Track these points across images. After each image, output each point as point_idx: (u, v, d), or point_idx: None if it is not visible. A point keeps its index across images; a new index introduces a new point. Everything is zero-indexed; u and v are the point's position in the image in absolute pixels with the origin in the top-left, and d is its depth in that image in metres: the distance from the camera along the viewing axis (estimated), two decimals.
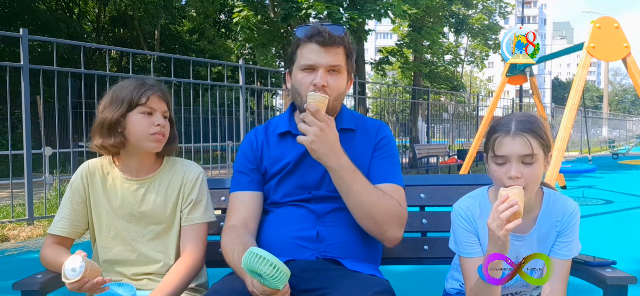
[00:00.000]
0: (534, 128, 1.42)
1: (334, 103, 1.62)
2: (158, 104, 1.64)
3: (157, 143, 1.65)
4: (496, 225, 1.31)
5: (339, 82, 1.62)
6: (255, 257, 1.27)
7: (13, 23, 16.92)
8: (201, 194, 1.72)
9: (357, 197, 1.54)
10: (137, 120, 1.62)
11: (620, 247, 4.93)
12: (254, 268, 1.28)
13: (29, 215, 5.82)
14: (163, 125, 1.64)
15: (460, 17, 22.11)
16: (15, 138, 9.05)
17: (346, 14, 11.96)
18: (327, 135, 1.50)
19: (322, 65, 1.59)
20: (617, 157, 18.19)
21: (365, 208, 1.55)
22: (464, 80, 35.54)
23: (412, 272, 3.79)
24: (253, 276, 1.32)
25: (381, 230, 1.58)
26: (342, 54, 1.62)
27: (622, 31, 6.95)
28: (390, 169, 1.67)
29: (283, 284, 1.31)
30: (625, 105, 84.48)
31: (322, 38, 1.58)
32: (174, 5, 20.94)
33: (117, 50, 16.10)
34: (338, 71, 1.61)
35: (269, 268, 1.27)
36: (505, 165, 1.41)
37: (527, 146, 1.39)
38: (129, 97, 1.61)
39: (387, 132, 1.74)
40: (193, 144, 8.81)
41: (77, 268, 1.43)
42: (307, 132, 1.50)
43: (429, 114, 14.87)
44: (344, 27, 1.65)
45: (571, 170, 8.82)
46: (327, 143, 1.51)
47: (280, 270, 1.28)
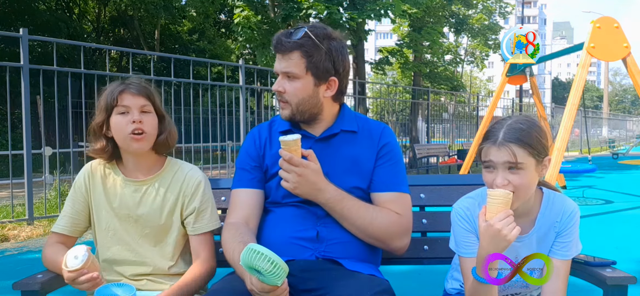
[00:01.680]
0: (521, 137, 1.40)
1: (300, 108, 1.61)
2: (132, 100, 1.61)
3: (138, 143, 1.61)
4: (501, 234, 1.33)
5: (295, 87, 1.60)
6: (254, 253, 1.27)
7: (13, 23, 16.93)
8: (205, 202, 1.71)
9: (351, 222, 1.59)
10: (116, 121, 1.61)
11: (620, 247, 4.93)
12: (252, 264, 1.28)
13: (29, 215, 5.82)
14: (139, 121, 1.60)
15: (460, 17, 22.11)
16: (15, 138, 9.04)
17: (346, 14, 11.96)
18: (307, 176, 1.54)
19: (279, 71, 1.63)
20: (617, 157, 18.18)
21: (362, 230, 1.60)
22: (464, 80, 35.54)
23: (412, 272, 3.78)
24: (251, 273, 1.32)
25: (384, 244, 1.64)
26: (297, 58, 1.59)
27: (622, 31, 6.95)
28: (394, 177, 1.67)
29: (281, 280, 1.31)
30: (625, 105, 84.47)
31: (276, 45, 1.61)
32: (174, 5, 20.92)
33: (117, 50, 16.13)
34: (294, 76, 1.60)
35: (267, 264, 1.27)
36: (494, 172, 1.43)
37: (511, 156, 1.39)
38: (105, 101, 1.62)
39: (391, 136, 1.72)
40: (193, 144, 8.81)
41: (79, 256, 1.44)
42: (286, 179, 1.56)
43: (429, 114, 14.87)
44: (305, 29, 1.60)
45: (571, 170, 8.82)
46: (309, 184, 1.55)
47: (278, 265, 1.28)
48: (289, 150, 1.54)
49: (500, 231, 1.33)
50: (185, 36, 25.18)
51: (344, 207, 1.57)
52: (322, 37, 1.60)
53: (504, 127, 1.43)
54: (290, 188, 1.56)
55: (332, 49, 1.61)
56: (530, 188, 1.44)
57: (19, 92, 5.77)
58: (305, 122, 1.66)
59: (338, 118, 1.70)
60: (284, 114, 1.65)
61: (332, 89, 1.65)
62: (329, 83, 1.64)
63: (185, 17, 23.75)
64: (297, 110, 1.62)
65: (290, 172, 1.54)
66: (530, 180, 1.42)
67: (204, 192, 1.71)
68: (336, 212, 1.58)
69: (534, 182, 1.45)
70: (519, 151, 1.39)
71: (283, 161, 1.54)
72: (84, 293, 1.71)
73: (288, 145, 1.54)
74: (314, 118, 1.66)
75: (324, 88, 1.63)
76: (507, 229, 1.32)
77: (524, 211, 1.50)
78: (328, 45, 1.60)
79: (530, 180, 1.42)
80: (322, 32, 1.61)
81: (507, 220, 1.33)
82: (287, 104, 1.63)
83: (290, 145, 1.54)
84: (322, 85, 1.63)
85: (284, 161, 1.54)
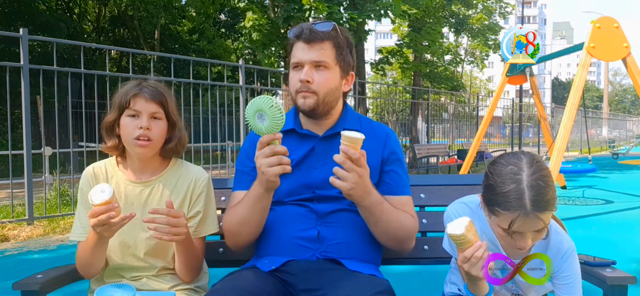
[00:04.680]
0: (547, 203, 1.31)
1: (326, 99, 1.62)
2: (144, 105, 1.59)
3: (142, 149, 1.60)
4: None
5: (325, 78, 1.61)
6: (261, 99, 1.41)
7: (13, 23, 16.91)
8: (209, 205, 1.71)
9: (384, 226, 1.58)
10: (125, 123, 1.61)
11: (620, 247, 4.93)
12: (259, 106, 1.41)
13: (29, 215, 5.82)
14: (147, 128, 1.58)
15: (460, 17, 22.13)
16: (15, 138, 9.05)
17: (346, 14, 11.97)
18: (364, 178, 1.47)
19: (306, 61, 1.60)
20: (617, 157, 18.17)
21: (391, 234, 1.60)
22: (464, 80, 35.53)
23: (412, 272, 3.79)
24: (254, 121, 1.43)
25: (402, 247, 1.66)
26: (329, 48, 1.61)
27: (622, 31, 6.96)
28: (401, 182, 1.69)
29: (282, 122, 1.43)
30: (625, 105, 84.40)
31: (306, 35, 1.60)
32: (174, 5, 20.92)
33: (117, 50, 16.11)
34: (325, 66, 1.61)
35: (269, 101, 1.40)
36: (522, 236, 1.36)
37: (540, 222, 1.32)
38: (118, 100, 1.62)
39: (397, 142, 1.74)
40: (193, 144, 8.80)
41: (106, 190, 1.41)
42: (345, 178, 1.44)
43: (429, 114, 14.87)
44: (333, 23, 1.64)
45: (571, 170, 8.82)
46: (364, 186, 1.48)
47: (280, 107, 1.40)
48: (354, 147, 1.42)
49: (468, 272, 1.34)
50: (185, 36, 25.15)
51: (382, 211, 1.56)
52: (345, 32, 1.66)
53: (530, 195, 1.30)
54: (346, 188, 1.46)
55: (351, 46, 1.68)
56: None
57: (19, 92, 5.77)
58: (321, 115, 1.66)
59: (341, 118, 1.71)
60: (307, 103, 1.61)
61: (349, 84, 1.70)
62: (348, 78, 1.69)
63: (185, 17, 23.75)
64: (323, 100, 1.61)
65: (352, 172, 1.44)
66: None
67: (209, 193, 1.72)
68: (375, 215, 1.56)
69: None
70: (546, 217, 1.33)
71: (345, 159, 1.42)
72: (84, 294, 1.71)
73: (354, 142, 1.41)
74: (328, 113, 1.67)
75: (345, 82, 1.68)
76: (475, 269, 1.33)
77: None
78: (350, 41, 1.67)
79: None
80: (342, 28, 1.66)
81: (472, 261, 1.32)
82: (313, 94, 1.60)
83: (357, 142, 1.41)
84: (344, 78, 1.67)
85: (347, 159, 1.42)
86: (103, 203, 1.40)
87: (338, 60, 1.63)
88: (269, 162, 1.45)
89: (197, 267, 1.70)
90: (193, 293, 1.71)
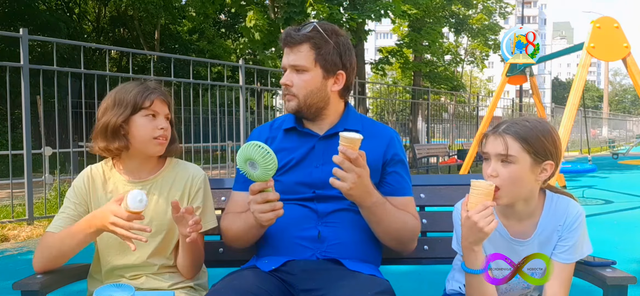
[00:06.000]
0: (519, 131, 1.40)
1: (307, 101, 1.63)
2: (161, 107, 1.65)
3: (161, 147, 1.66)
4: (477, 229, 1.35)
5: (304, 80, 1.62)
6: (250, 145, 1.39)
7: (13, 23, 16.91)
8: (207, 201, 1.73)
9: (386, 226, 1.58)
10: (142, 123, 1.62)
11: (620, 247, 4.93)
12: (249, 154, 1.39)
13: (29, 215, 5.82)
14: (166, 129, 1.66)
15: (460, 17, 22.14)
16: (15, 138, 9.05)
17: (346, 14, 11.98)
18: (364, 178, 1.46)
19: (286, 65, 1.65)
20: (617, 157, 18.17)
21: (394, 234, 1.60)
22: (464, 80, 35.53)
23: (412, 272, 3.79)
24: (245, 168, 1.41)
25: (404, 248, 1.67)
26: (306, 50, 1.61)
27: (622, 31, 6.95)
28: (403, 183, 1.69)
29: (274, 169, 1.41)
30: (625, 105, 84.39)
31: (284, 39, 1.64)
32: (174, 5, 20.90)
33: (117, 50, 16.13)
34: (303, 69, 1.62)
35: (261, 150, 1.38)
36: (487, 162, 1.45)
37: (503, 146, 1.40)
38: (133, 100, 1.61)
39: (400, 144, 1.74)
40: (193, 144, 8.81)
41: (144, 200, 1.41)
42: (345, 178, 1.44)
43: (429, 114, 14.88)
44: (314, 24, 1.63)
45: (571, 170, 8.82)
46: (363, 186, 1.48)
47: (270, 154, 1.39)
48: (352, 148, 1.42)
49: (477, 223, 1.32)
50: (185, 36, 25.14)
51: (384, 211, 1.56)
52: (330, 31, 1.64)
53: (509, 121, 1.44)
54: (345, 189, 1.45)
55: (340, 44, 1.65)
56: (517, 185, 1.42)
57: (19, 92, 5.77)
58: (311, 116, 1.67)
59: (342, 118, 1.71)
60: (290, 107, 1.65)
61: (340, 83, 1.67)
62: (337, 77, 1.67)
63: (185, 17, 23.74)
64: (304, 102, 1.63)
65: (350, 172, 1.43)
66: (519, 176, 1.41)
67: (207, 189, 1.74)
68: (376, 216, 1.56)
69: (526, 180, 1.43)
70: (513, 144, 1.39)
71: (343, 159, 1.42)
72: (84, 294, 1.71)
73: (352, 142, 1.41)
74: (320, 113, 1.67)
75: (332, 82, 1.66)
76: (484, 222, 1.32)
77: (526, 214, 1.49)
78: (336, 40, 1.64)
79: (519, 176, 1.41)
80: (329, 27, 1.65)
81: (484, 213, 1.32)
82: (294, 97, 1.63)
83: (355, 143, 1.42)
84: (330, 78, 1.65)
85: (345, 159, 1.42)
86: (136, 212, 1.42)
87: (317, 60, 1.62)
88: (261, 209, 1.47)
89: (200, 263, 1.71)
90: (192, 291, 1.71)
